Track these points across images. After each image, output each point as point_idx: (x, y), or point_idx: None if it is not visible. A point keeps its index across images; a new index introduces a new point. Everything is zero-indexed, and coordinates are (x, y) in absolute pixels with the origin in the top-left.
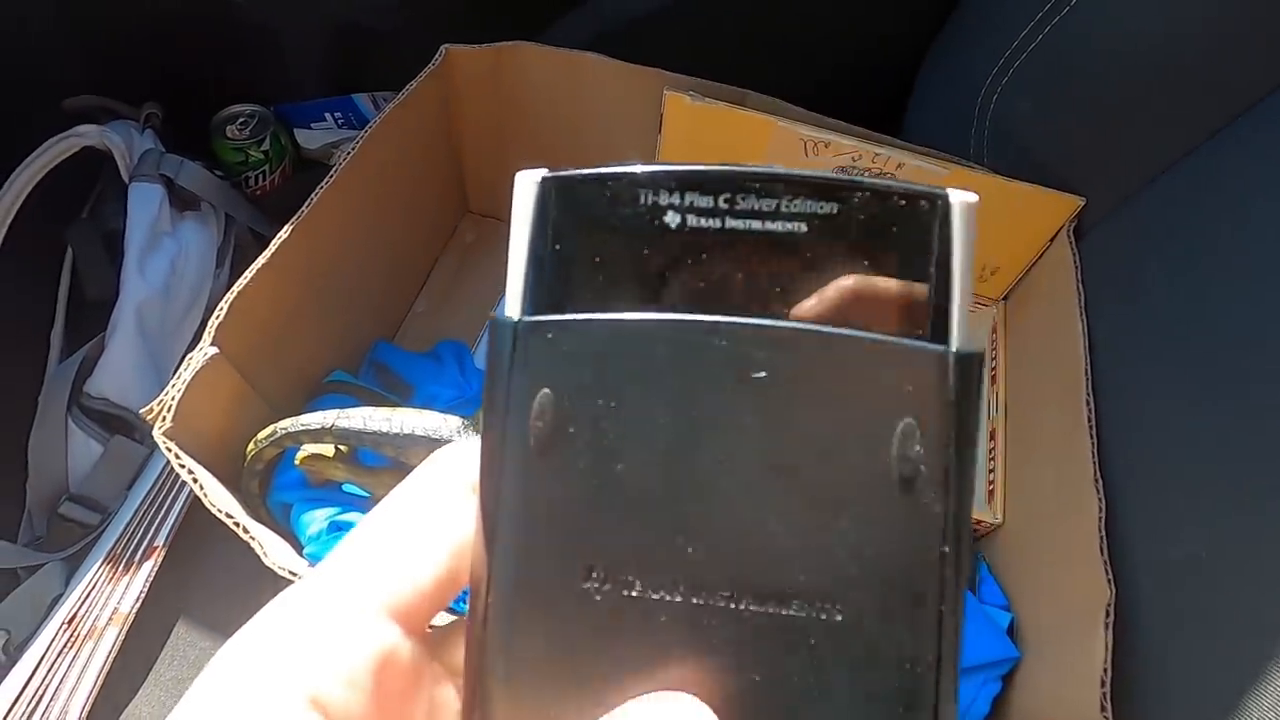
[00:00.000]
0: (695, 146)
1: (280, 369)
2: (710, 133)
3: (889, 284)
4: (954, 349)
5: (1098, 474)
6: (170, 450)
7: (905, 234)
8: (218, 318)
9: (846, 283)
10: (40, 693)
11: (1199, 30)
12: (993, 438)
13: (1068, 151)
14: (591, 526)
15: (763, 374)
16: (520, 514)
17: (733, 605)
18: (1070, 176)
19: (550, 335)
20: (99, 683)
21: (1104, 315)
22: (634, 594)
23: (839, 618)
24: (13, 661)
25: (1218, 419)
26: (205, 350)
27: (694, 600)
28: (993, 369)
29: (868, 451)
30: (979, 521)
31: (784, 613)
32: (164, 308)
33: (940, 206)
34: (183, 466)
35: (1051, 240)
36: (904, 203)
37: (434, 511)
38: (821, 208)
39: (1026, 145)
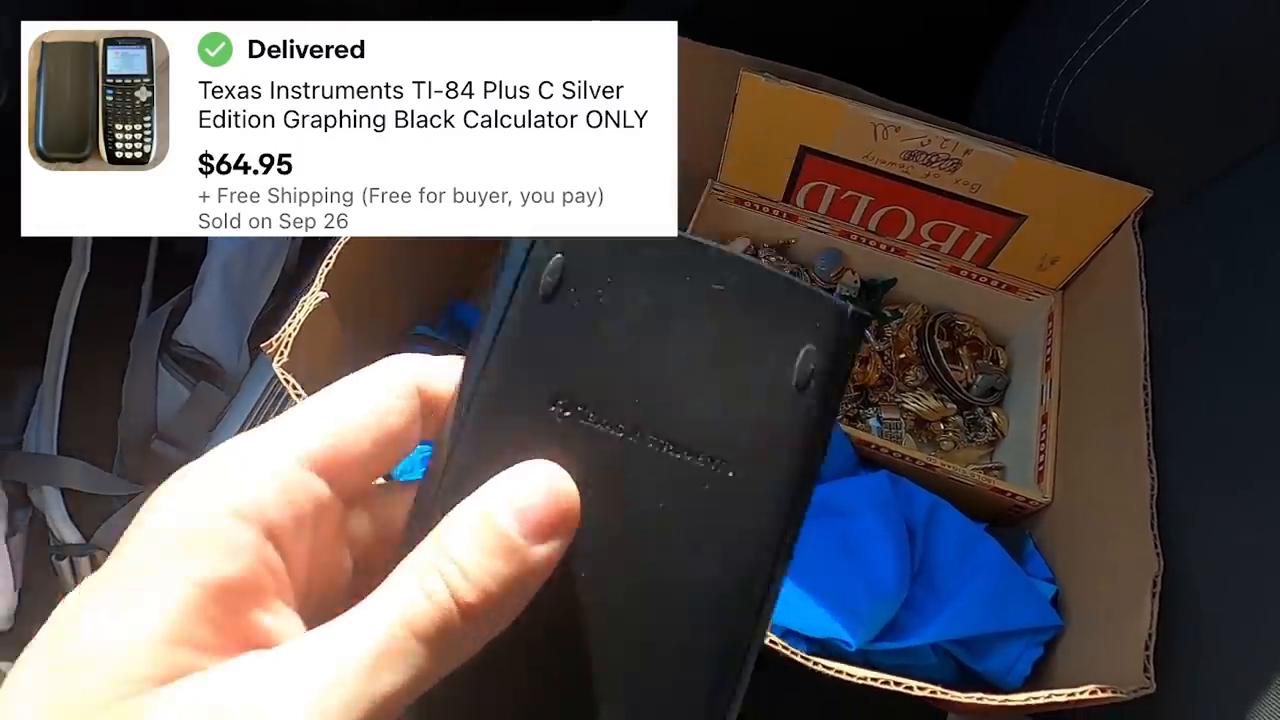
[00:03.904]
0: (767, 128)
1: (372, 318)
2: (782, 115)
3: None
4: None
5: (1151, 454)
6: (289, 382)
7: None
8: (327, 265)
9: None
10: None
11: (1273, 30)
12: (1044, 421)
13: (1135, 145)
14: (567, 367)
15: (720, 286)
16: (510, 347)
17: (657, 447)
18: (1136, 170)
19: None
20: None
21: (1164, 308)
22: (586, 423)
23: (730, 474)
24: None
25: (1273, 414)
26: (316, 294)
27: (631, 438)
28: (1047, 357)
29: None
30: (1027, 500)
31: (691, 460)
32: (247, 264)
33: None
34: (300, 398)
35: (1115, 232)
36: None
37: (368, 393)
38: None
39: (1095, 137)
